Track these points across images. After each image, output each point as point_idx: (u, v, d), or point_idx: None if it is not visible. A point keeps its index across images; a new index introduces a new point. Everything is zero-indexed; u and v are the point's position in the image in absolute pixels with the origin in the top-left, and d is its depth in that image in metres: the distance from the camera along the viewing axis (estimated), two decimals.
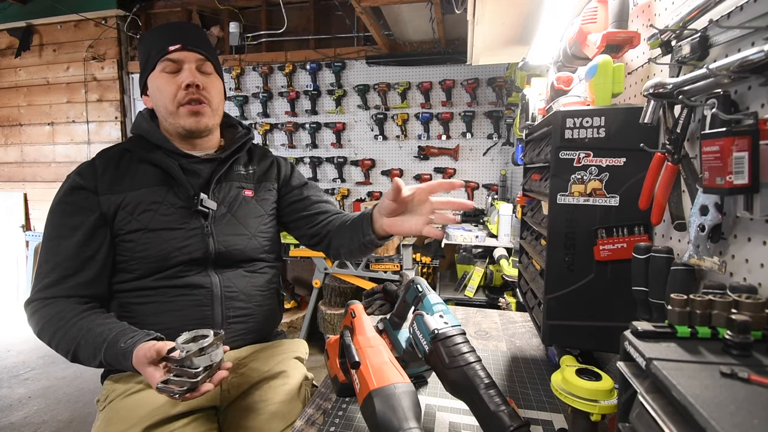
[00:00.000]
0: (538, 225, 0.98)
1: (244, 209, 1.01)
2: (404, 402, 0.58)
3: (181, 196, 0.94)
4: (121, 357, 0.76)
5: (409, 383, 0.62)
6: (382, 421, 0.56)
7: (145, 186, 0.92)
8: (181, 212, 0.93)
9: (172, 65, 0.92)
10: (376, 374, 0.63)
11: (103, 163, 0.94)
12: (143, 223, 0.90)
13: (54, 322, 0.84)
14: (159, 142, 0.95)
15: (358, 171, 3.32)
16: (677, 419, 0.35)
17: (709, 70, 0.52)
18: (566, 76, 1.01)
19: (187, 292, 0.91)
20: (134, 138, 0.99)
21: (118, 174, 0.93)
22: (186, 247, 0.92)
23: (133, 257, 0.90)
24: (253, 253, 1.01)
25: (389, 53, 3.14)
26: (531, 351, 1.05)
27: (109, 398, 0.88)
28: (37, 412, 2.23)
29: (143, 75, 0.97)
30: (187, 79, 0.92)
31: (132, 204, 0.90)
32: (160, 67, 0.93)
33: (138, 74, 1.09)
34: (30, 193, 3.85)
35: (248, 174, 1.06)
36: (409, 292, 0.82)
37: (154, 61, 0.93)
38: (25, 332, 3.34)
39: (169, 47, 0.92)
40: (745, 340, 0.40)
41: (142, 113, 1.02)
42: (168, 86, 0.92)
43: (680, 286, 0.59)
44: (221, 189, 0.99)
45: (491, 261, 2.68)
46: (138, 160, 0.95)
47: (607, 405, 0.59)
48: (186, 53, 0.93)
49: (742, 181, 0.49)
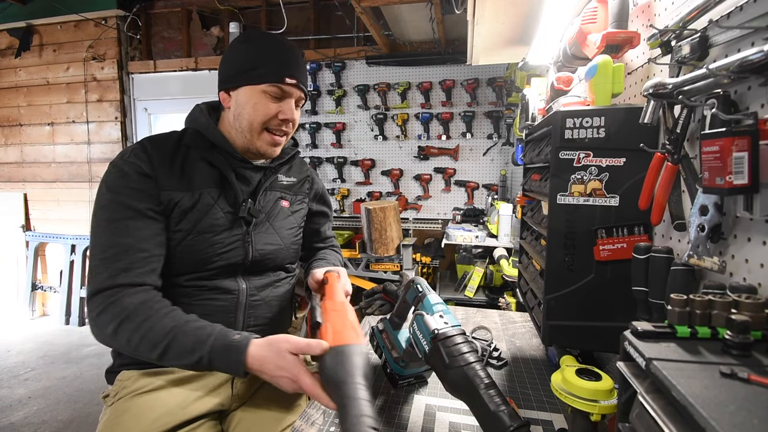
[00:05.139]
0: (538, 225, 0.98)
1: (280, 219, 1.02)
2: (356, 360, 0.64)
3: (230, 200, 0.93)
4: (234, 351, 0.72)
5: (362, 345, 0.68)
6: (332, 375, 0.62)
7: (201, 187, 0.90)
8: (228, 217, 0.92)
9: (278, 92, 0.91)
10: (334, 334, 0.68)
11: (158, 154, 0.89)
12: (192, 223, 0.88)
13: (142, 312, 0.76)
14: (217, 141, 0.93)
15: (358, 171, 3.32)
16: (677, 419, 0.35)
17: (709, 70, 0.52)
18: (566, 76, 1.01)
19: (214, 296, 0.90)
20: (190, 132, 0.94)
21: (174, 170, 0.89)
22: (227, 253, 0.91)
23: (173, 255, 0.87)
24: (282, 263, 1.02)
25: (389, 53, 3.14)
26: (531, 351, 1.05)
27: (119, 395, 0.87)
28: (37, 413, 2.23)
29: (239, 78, 0.91)
30: (287, 114, 0.92)
31: (187, 204, 0.88)
32: (265, 87, 0.89)
33: (138, 74, 1.08)
34: (30, 193, 3.85)
35: (288, 184, 1.06)
36: (410, 292, 0.82)
37: (263, 78, 0.89)
38: (25, 332, 3.35)
39: (287, 78, 0.90)
40: (745, 340, 0.40)
41: (200, 107, 0.98)
42: (266, 109, 0.91)
43: (680, 286, 0.59)
44: (265, 197, 0.99)
45: (491, 261, 2.68)
46: (195, 158, 0.92)
47: (607, 405, 0.59)
48: (295, 90, 0.92)
49: (741, 181, 0.49)
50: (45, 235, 3.77)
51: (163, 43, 3.65)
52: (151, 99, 3.64)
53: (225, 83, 0.93)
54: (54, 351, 3.01)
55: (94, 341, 0.83)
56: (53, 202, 3.78)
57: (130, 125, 3.65)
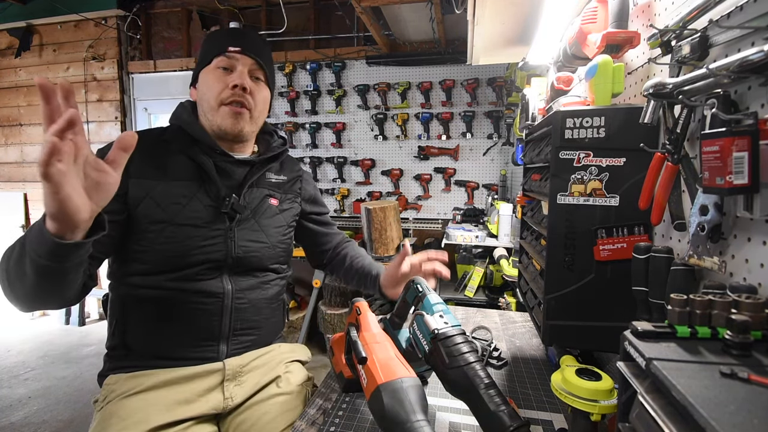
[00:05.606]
0: (538, 225, 0.98)
1: (267, 217, 1.01)
2: (411, 395, 0.60)
3: (211, 194, 0.93)
4: (38, 228, 0.63)
5: (415, 377, 0.64)
6: (391, 415, 0.58)
7: (177, 179, 0.91)
8: (209, 211, 0.92)
9: (226, 62, 0.94)
10: (383, 369, 0.64)
11: (139, 147, 0.84)
12: (169, 215, 0.88)
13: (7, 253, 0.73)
14: (198, 136, 0.94)
15: (358, 171, 3.32)
16: (677, 419, 0.35)
17: (709, 70, 0.52)
18: (566, 76, 1.01)
19: (198, 299, 0.90)
20: (173, 128, 0.98)
21: (152, 161, 0.91)
22: (207, 247, 0.90)
23: (152, 249, 0.87)
24: (269, 263, 1.01)
25: (389, 53, 3.14)
26: (531, 351, 1.05)
27: (107, 399, 0.87)
28: (37, 412, 2.23)
29: (197, 68, 0.99)
30: (236, 80, 0.93)
31: (162, 194, 0.88)
32: (214, 63, 0.95)
33: (138, 74, 1.09)
34: (30, 193, 3.85)
35: (277, 183, 1.06)
36: (409, 292, 0.82)
37: (211, 56, 0.95)
38: (25, 332, 3.35)
39: (229, 47, 0.94)
40: (745, 340, 0.40)
41: (184, 105, 1.01)
42: (217, 83, 0.94)
43: (680, 286, 0.59)
44: (250, 193, 0.99)
45: (491, 261, 2.68)
46: (174, 151, 0.94)
47: (607, 405, 0.59)
48: (243, 57, 0.95)
49: (742, 181, 0.49)
50: None
51: (163, 43, 3.65)
52: (151, 99, 3.64)
53: (192, 81, 1.01)
54: (54, 351, 3.01)
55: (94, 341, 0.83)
56: None
57: (130, 125, 3.64)
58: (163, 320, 0.89)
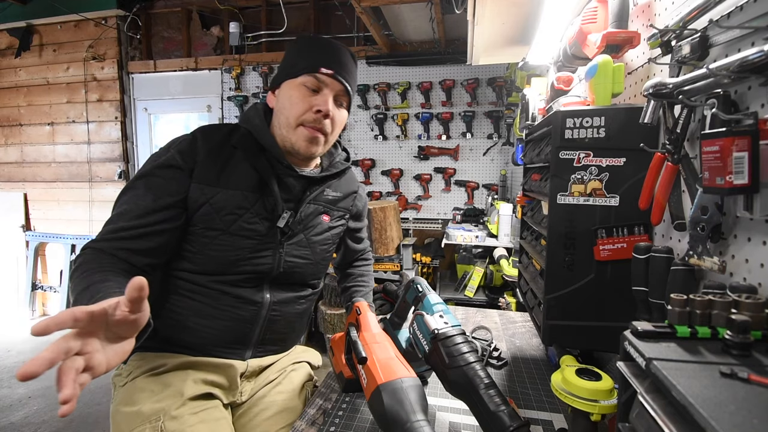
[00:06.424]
0: (538, 225, 0.98)
1: (317, 234, 0.99)
2: (411, 395, 0.60)
3: (268, 207, 0.91)
4: None
5: (415, 377, 0.64)
6: (391, 415, 0.58)
7: (238, 188, 0.89)
8: (263, 223, 0.90)
9: (315, 84, 0.90)
10: (383, 369, 0.64)
11: (206, 148, 0.89)
12: (225, 224, 0.87)
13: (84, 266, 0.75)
14: (267, 145, 0.92)
15: (358, 171, 3.32)
16: (677, 419, 0.35)
17: (709, 70, 0.52)
18: (566, 76, 1.01)
19: (236, 304, 0.89)
20: (242, 133, 0.94)
21: (217, 166, 0.89)
22: (255, 259, 0.90)
23: (203, 252, 0.87)
24: (309, 279, 1.00)
25: (389, 53, 3.14)
26: (531, 351, 1.05)
27: (132, 374, 0.87)
28: (37, 412, 2.23)
29: (282, 73, 0.94)
30: (321, 105, 0.89)
31: (221, 203, 0.87)
32: (302, 80, 0.90)
33: (138, 74, 1.07)
34: (30, 193, 3.85)
35: (333, 199, 1.03)
36: (409, 292, 0.82)
37: (300, 70, 0.90)
38: (26, 332, 3.34)
39: (322, 68, 0.89)
40: (745, 340, 0.40)
41: (257, 107, 0.97)
42: (301, 102, 0.90)
43: (680, 286, 0.59)
44: (306, 209, 0.97)
45: (491, 261, 2.68)
46: (239, 159, 0.91)
47: (607, 405, 0.59)
48: (333, 81, 0.91)
49: (742, 181, 0.49)
50: (45, 234, 3.77)
51: (163, 43, 3.65)
52: (151, 99, 3.64)
53: (272, 84, 0.96)
54: None
55: None
56: (53, 202, 3.78)
57: (130, 125, 3.65)
58: (199, 316, 0.89)
